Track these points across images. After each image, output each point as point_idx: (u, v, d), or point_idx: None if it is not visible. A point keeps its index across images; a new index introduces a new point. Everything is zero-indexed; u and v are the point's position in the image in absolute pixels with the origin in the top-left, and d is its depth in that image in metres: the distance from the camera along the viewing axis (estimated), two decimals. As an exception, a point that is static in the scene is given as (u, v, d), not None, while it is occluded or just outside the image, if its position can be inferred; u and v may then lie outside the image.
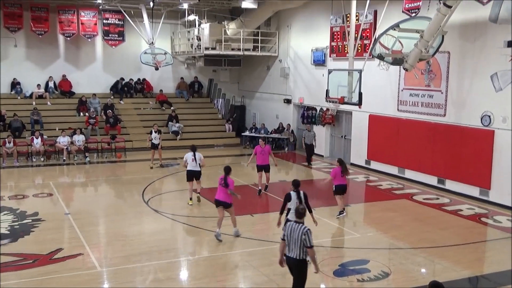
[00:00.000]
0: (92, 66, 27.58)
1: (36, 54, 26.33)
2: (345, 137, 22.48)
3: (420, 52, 14.88)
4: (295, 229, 7.97)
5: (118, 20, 27.02)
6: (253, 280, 9.98)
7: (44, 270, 10.21)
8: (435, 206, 15.61)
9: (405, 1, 16.84)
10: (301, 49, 24.71)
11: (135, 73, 28.08)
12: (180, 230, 13.16)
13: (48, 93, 26.02)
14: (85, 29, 26.44)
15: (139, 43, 26.77)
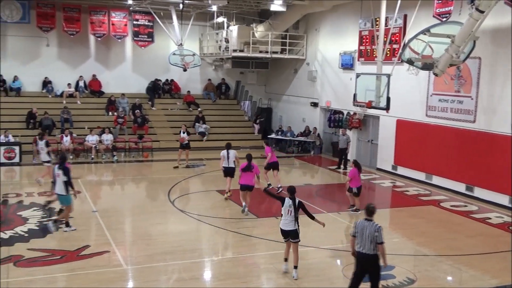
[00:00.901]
0: (121, 66, 27.93)
1: (68, 54, 26.79)
2: (372, 142, 22.30)
3: (450, 57, 14.67)
4: (367, 226, 8.41)
5: (148, 21, 27.29)
6: (276, 282, 9.98)
7: (71, 266, 10.38)
8: (462, 213, 15.38)
9: (436, 5, 16.60)
10: (329, 52, 24.61)
11: (163, 74, 28.33)
12: (205, 230, 13.20)
13: (78, 92, 26.44)
14: (116, 30, 26.80)
15: (168, 45, 26.99)
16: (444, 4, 16.36)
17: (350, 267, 10.67)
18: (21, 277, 9.77)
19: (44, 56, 26.43)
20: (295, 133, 26.23)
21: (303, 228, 13.42)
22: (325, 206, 15.73)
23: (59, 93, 26.32)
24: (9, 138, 21.29)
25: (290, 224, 10.10)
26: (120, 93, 26.75)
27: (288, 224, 10.11)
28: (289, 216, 10.07)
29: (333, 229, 13.54)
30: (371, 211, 8.61)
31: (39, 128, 23.30)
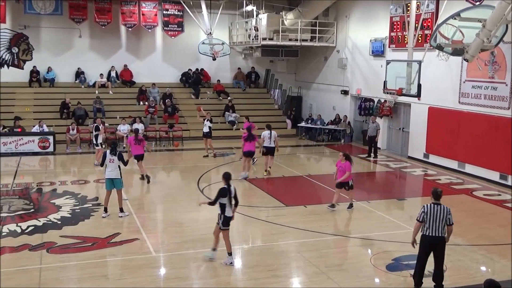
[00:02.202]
0: (152, 56, 28.13)
1: (99, 45, 27.11)
2: (403, 130, 21.97)
3: (482, 42, 14.30)
4: (439, 210, 8.61)
5: (177, 11, 27.36)
6: (304, 270, 9.95)
7: (102, 253, 10.55)
8: (496, 202, 15.04)
9: (469, -11, 16.19)
10: (360, 39, 24.29)
11: (193, 64, 28.42)
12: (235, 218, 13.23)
13: (110, 83, 26.77)
14: (146, 20, 26.95)
15: (197, 34, 27.04)
16: (477, -13, 15.90)
17: (378, 255, 10.63)
18: (54, 263, 9.96)
19: (76, 47, 26.80)
20: (325, 122, 26.04)
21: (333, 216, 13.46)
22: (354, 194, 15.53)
23: (91, 83, 26.70)
24: (44, 128, 21.70)
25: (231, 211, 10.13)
26: (151, 82, 26.97)
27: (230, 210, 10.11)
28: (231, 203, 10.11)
29: (362, 217, 13.43)
30: (439, 194, 8.79)
31: (72, 118, 23.72)
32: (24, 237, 11.33)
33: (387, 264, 10.23)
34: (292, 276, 9.91)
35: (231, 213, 10.13)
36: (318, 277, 9.59)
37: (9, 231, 11.70)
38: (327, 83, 27.22)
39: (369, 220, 13.18)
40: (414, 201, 15.65)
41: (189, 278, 9.57)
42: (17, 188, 15.71)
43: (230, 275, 9.79)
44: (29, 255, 10.31)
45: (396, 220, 13.19)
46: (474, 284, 9.45)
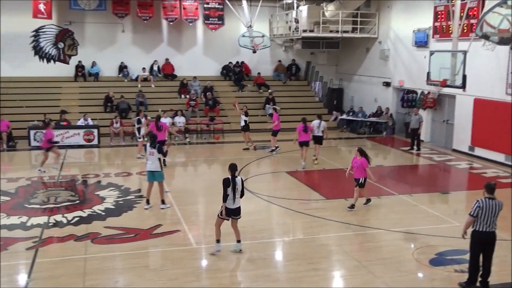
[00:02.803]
0: (193, 49, 28.33)
1: (142, 39, 27.47)
2: (447, 122, 21.49)
3: (531, 30, 13.82)
4: (494, 205, 8.42)
5: (218, 4, 27.43)
6: (344, 264, 9.87)
7: (144, 244, 10.70)
8: (545, 196, 14.54)
9: (518, -24, 15.65)
10: (402, 30, 23.84)
11: (233, 56, 28.48)
12: (274, 211, 13.23)
13: (152, 76, 27.12)
14: (187, 14, 27.13)
15: (237, 27, 27.05)
16: (527, -26, 15.34)
17: (421, 250, 10.45)
18: (98, 254, 10.17)
19: (119, 42, 27.24)
20: (367, 114, 25.73)
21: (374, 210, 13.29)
22: (397, 188, 15.36)
23: (134, 77, 27.11)
24: (88, 122, 22.17)
25: (237, 202, 9.99)
26: (192, 76, 27.18)
27: (236, 202, 9.98)
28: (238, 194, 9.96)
29: (405, 211, 13.22)
30: (493, 188, 8.61)
31: (115, 112, 24.13)
32: (70, 227, 11.60)
33: (431, 258, 10.04)
34: (332, 269, 9.85)
35: (233, 205, 9.95)
36: (358, 270, 9.50)
37: (56, 221, 12.02)
38: (368, 75, 26.85)
39: (412, 214, 12.96)
40: (458, 195, 15.30)
41: (229, 270, 9.62)
42: (63, 180, 16.09)
43: (270, 268, 9.79)
44: (74, 245, 10.55)
45: (440, 214, 12.91)
46: (521, 280, 9.18)
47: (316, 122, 18.29)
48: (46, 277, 9.09)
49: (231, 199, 9.94)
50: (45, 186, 15.36)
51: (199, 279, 9.20)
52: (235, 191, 9.92)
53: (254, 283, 8.99)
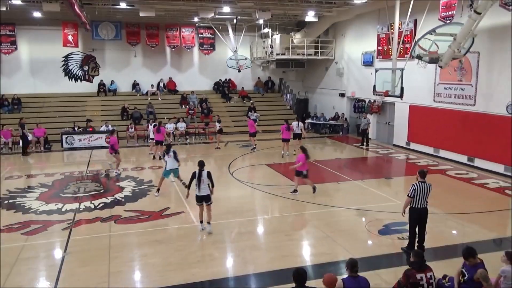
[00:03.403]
0: (190, 70, 28.16)
1: (150, 62, 27.22)
2: (389, 123, 21.67)
3: (453, 52, 14.00)
4: (426, 187, 8.48)
5: (210, 34, 27.35)
6: (314, 235, 9.92)
7: (156, 223, 10.64)
8: (465, 180, 14.78)
9: (441, 10, 15.80)
10: (353, 52, 23.98)
11: (223, 75, 28.39)
12: (258, 195, 13.23)
13: (159, 91, 26.88)
14: (185, 42, 26.99)
15: (225, 51, 26.97)
16: (448, 8, 15.55)
17: (371, 223, 10.53)
18: (119, 231, 10.09)
19: (132, 64, 26.96)
20: (327, 118, 25.82)
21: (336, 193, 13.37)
22: (351, 175, 15.47)
23: (144, 92, 26.85)
24: (109, 127, 21.88)
25: (205, 190, 9.80)
26: (191, 90, 27.01)
27: (204, 190, 9.79)
28: (204, 184, 9.77)
29: (358, 193, 13.32)
30: (425, 173, 8.64)
31: (130, 119, 23.89)
32: (97, 211, 11.50)
33: (379, 229, 10.15)
34: (304, 239, 9.89)
35: (199, 193, 9.81)
36: (325, 240, 9.56)
37: (85, 207, 11.88)
38: (328, 88, 26.96)
39: (364, 195, 13.07)
40: (399, 179, 15.48)
41: (224, 242, 9.61)
42: (90, 174, 15.92)
43: (255, 239, 9.81)
44: (101, 225, 10.47)
45: (385, 195, 13.05)
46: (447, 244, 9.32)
47: (295, 123, 19.07)
48: (79, 251, 8.99)
49: (197, 188, 9.79)
50: (76, 179, 15.16)
51: (199, 250, 9.17)
52: (200, 182, 9.74)
53: (243, 251, 8.98)
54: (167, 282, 7.65)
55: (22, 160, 18.97)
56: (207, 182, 9.80)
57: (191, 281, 7.70)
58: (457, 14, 15.30)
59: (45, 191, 13.53)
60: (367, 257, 8.63)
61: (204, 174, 9.79)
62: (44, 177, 15.29)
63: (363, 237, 9.78)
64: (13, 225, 10.42)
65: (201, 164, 9.96)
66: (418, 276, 6.08)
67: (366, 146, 20.80)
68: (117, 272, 8.05)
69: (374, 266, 8.18)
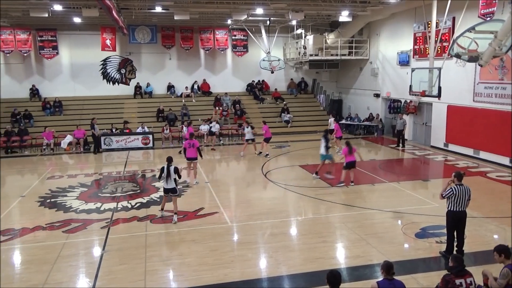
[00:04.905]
0: (224, 71, 28.41)
1: (184, 64, 27.64)
2: (426, 124, 21.14)
3: (494, 50, 13.50)
4: (464, 190, 8.27)
5: (243, 36, 27.50)
6: (347, 237, 9.78)
7: (191, 223, 10.77)
8: (507, 182, 14.21)
9: (481, 7, 15.25)
10: (388, 52, 23.54)
11: (255, 76, 28.49)
12: (291, 196, 13.18)
13: (193, 93, 27.25)
14: (219, 44, 27.24)
15: (258, 53, 27.06)
16: (488, 5, 14.98)
17: (408, 226, 10.30)
18: (155, 231, 10.29)
19: (167, 67, 27.46)
20: (361, 119, 25.47)
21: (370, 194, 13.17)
22: (386, 176, 15.18)
23: (179, 94, 27.28)
24: (145, 129, 22.38)
25: (171, 183, 10.68)
26: (224, 92, 27.24)
27: (170, 183, 10.68)
28: (170, 178, 10.65)
29: (394, 195, 13.05)
30: (462, 176, 8.45)
31: (165, 121, 24.31)
32: (134, 211, 11.76)
33: (416, 232, 9.91)
34: (338, 241, 9.76)
35: (167, 185, 10.71)
36: (359, 242, 9.42)
37: (122, 206, 12.18)
38: (362, 88, 26.58)
39: (399, 197, 12.80)
40: (436, 181, 15.04)
41: (257, 243, 9.61)
42: (127, 174, 16.29)
43: (288, 240, 9.77)
44: (137, 224, 10.70)
45: (422, 197, 12.74)
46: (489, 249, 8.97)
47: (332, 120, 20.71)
48: (116, 249, 9.22)
49: (165, 181, 10.71)
50: (113, 179, 15.56)
51: (232, 250, 9.22)
52: (168, 176, 10.62)
53: (276, 252, 8.96)
54: (202, 281, 7.74)
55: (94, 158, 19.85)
56: (173, 177, 10.72)
57: (224, 281, 7.76)
58: (497, 11, 14.72)
59: (84, 190, 13.97)
60: (403, 260, 8.44)
61: (171, 169, 10.70)
62: (83, 177, 15.79)
63: (399, 240, 9.57)
64: (55, 223, 10.81)
65: (169, 160, 10.92)
66: (457, 282, 5.88)
67: (402, 147, 20.37)
68: (153, 270, 8.21)
69: (410, 270, 7.99)
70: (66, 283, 7.83)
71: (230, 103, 26.61)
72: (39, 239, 9.87)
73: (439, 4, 17.09)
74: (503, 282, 6.07)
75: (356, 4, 20.18)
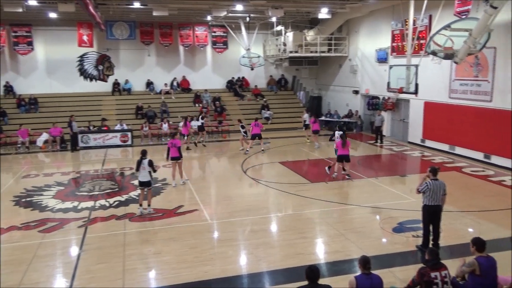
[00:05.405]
0: (204, 68, 28.26)
1: (163, 61, 27.40)
2: (403, 120, 21.47)
3: (468, 48, 13.78)
4: (439, 184, 8.39)
5: (223, 33, 27.39)
6: (327, 233, 9.88)
7: (170, 221, 10.71)
8: (481, 177, 14.57)
9: (457, 5, 15.57)
10: (367, 49, 23.80)
11: (235, 73, 28.43)
12: (271, 193, 13.22)
13: (172, 90, 27.05)
14: (199, 41, 27.08)
15: (238, 50, 27.01)
16: (464, 3, 15.33)
17: (385, 221, 10.45)
18: (134, 229, 10.19)
19: (146, 63, 27.17)
20: (341, 115, 25.69)
21: (349, 190, 13.32)
22: (365, 172, 15.37)
23: (158, 91, 27.04)
24: (123, 126, 22.12)
25: (145, 177, 10.93)
26: (204, 89, 27.11)
27: (145, 177, 10.93)
28: (144, 171, 10.90)
29: (372, 190, 13.23)
30: (437, 171, 8.57)
31: (144, 118, 24.07)
32: (112, 209, 11.62)
33: (393, 227, 10.07)
34: (317, 237, 9.85)
35: (141, 178, 10.99)
36: (338, 238, 9.52)
37: (100, 205, 12.03)
38: (341, 85, 26.81)
39: (378, 193, 12.98)
40: (413, 177, 15.31)
41: (237, 240, 9.62)
42: (105, 173, 16.09)
43: (268, 237, 9.80)
44: (116, 223, 10.59)
45: (399, 192, 12.95)
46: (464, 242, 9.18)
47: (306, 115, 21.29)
48: (94, 248, 9.10)
49: (140, 174, 10.96)
50: (91, 177, 15.35)
51: (212, 247, 9.20)
52: (141, 169, 10.89)
53: (256, 249, 8.98)
54: (181, 279, 7.71)
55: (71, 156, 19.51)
56: (148, 170, 10.92)
57: (204, 278, 7.74)
58: (473, 9, 15.07)
59: (61, 189, 13.73)
60: (381, 255, 8.57)
61: (145, 162, 10.93)
62: (60, 176, 15.52)
63: (377, 235, 9.71)
64: (30, 223, 10.60)
65: (143, 153, 11.14)
66: (432, 275, 6.01)
67: (380, 144, 20.64)
68: (131, 269, 8.13)
69: (388, 264, 8.12)
70: (43, 283, 7.69)
71: (210, 100, 26.51)
72: (15, 239, 9.67)
73: (416, 2, 17.35)
74: (467, 270, 6.28)
75: (335, 1, 20.33)
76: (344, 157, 14.24)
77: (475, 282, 6.20)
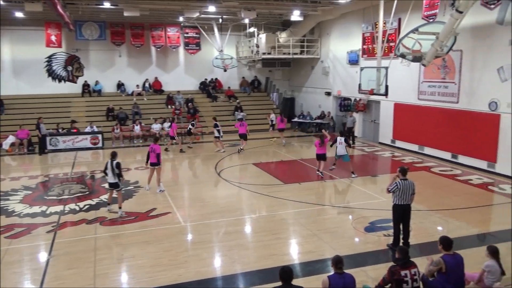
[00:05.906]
0: (176, 69, 28.03)
1: (135, 62, 27.03)
2: (374, 121, 21.87)
3: (436, 50, 14.17)
4: (408, 184, 8.56)
5: (195, 34, 27.24)
6: (300, 233, 9.95)
7: (143, 224, 10.58)
8: (449, 176, 14.99)
9: (424, 9, 16.00)
10: (339, 51, 24.12)
11: (208, 74, 28.32)
12: (245, 194, 13.23)
13: (144, 91, 26.71)
14: (171, 42, 26.84)
15: (211, 51, 26.91)
16: (431, 8, 15.75)
17: (357, 220, 10.62)
18: (106, 233, 10.01)
19: (117, 64, 26.73)
20: (313, 117, 25.94)
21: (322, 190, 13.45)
22: (338, 173, 15.55)
23: (130, 92, 26.64)
24: (94, 128, 21.70)
25: (113, 178, 11.05)
26: (176, 90, 26.89)
27: (113, 178, 11.04)
28: (111, 172, 11.02)
29: (345, 191, 13.42)
30: (406, 171, 8.71)
31: (115, 120, 23.68)
32: (82, 213, 11.38)
33: (365, 226, 10.23)
34: (291, 237, 9.91)
35: (111, 180, 11.08)
36: (311, 238, 9.60)
37: (70, 209, 11.76)
38: (314, 87, 27.09)
39: (350, 193, 13.18)
40: (384, 177, 15.59)
41: (211, 242, 9.58)
42: (75, 176, 15.74)
43: (242, 238, 9.80)
44: (86, 227, 10.37)
45: (371, 192, 13.17)
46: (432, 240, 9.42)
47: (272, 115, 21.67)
48: (63, 254, 8.88)
49: (108, 175, 11.06)
50: (60, 181, 14.98)
51: (186, 250, 9.13)
52: (111, 170, 10.96)
53: (230, 251, 8.97)
54: (155, 283, 7.61)
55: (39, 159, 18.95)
56: (116, 172, 10.99)
57: (178, 281, 7.67)
58: (439, 13, 15.51)
59: (28, 193, 13.35)
60: (353, 254, 8.70)
61: (113, 164, 11.01)
62: (27, 180, 15.08)
63: (350, 234, 9.85)
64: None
65: (112, 155, 11.21)
66: (402, 273, 6.15)
67: (352, 144, 20.91)
68: (103, 274, 7.98)
69: (360, 263, 8.25)
70: (9, 291, 7.46)
71: (183, 101, 26.31)
72: (-21, 246, 9.33)
73: (386, 6, 17.73)
74: (434, 269, 6.46)
75: (307, 3, 20.53)
76: (321, 156, 14.40)
77: (442, 279, 6.38)
